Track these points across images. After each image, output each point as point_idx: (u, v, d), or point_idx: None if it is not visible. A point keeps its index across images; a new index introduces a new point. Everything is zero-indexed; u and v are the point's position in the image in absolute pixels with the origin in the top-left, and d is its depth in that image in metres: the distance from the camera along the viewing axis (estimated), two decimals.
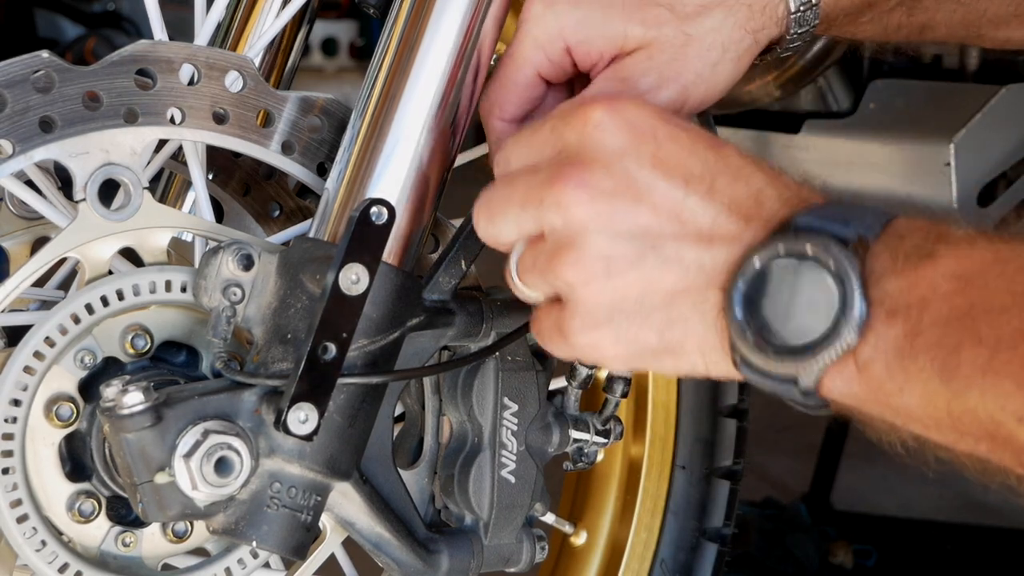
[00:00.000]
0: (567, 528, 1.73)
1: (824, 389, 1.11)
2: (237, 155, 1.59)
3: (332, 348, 1.24)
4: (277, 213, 1.71)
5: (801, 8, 1.38)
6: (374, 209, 1.25)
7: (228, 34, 1.70)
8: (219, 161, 1.68)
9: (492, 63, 1.41)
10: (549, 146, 1.22)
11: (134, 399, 1.22)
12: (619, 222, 1.16)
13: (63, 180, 1.46)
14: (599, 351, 1.21)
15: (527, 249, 1.22)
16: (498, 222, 1.24)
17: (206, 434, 1.24)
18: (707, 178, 1.16)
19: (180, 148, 1.51)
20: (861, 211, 1.12)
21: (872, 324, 1.08)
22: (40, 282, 1.40)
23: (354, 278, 1.24)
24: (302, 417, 1.23)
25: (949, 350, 1.05)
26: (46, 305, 1.51)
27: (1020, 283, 1.04)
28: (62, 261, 1.36)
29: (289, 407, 1.23)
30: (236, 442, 1.25)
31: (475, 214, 1.26)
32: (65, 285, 1.55)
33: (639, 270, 1.16)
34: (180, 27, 1.48)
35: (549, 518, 1.60)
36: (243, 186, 1.71)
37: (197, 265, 1.32)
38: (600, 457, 1.52)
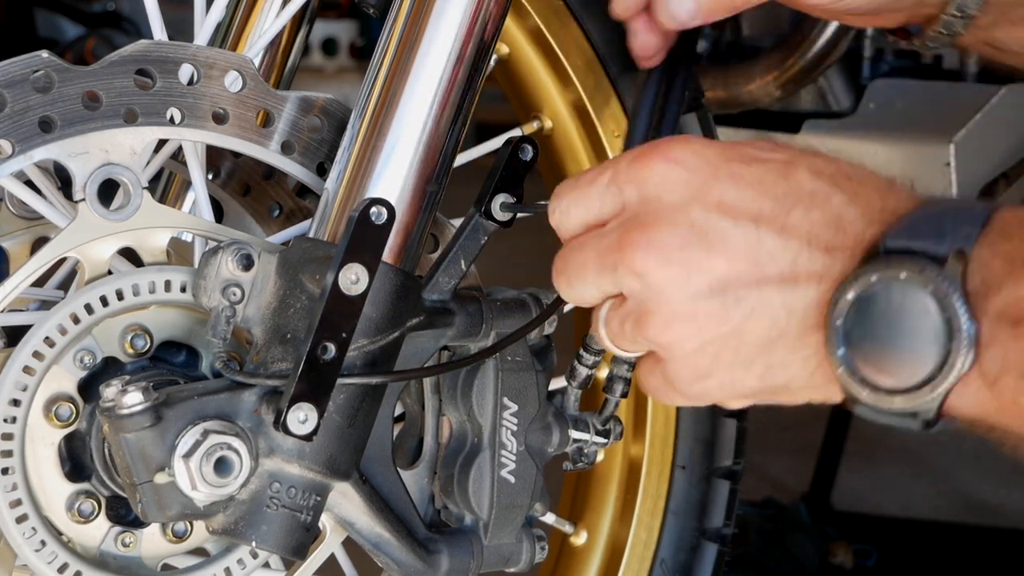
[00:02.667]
0: (567, 528, 1.73)
1: (951, 410, 1.05)
2: (237, 155, 1.59)
3: (332, 348, 1.24)
4: (277, 213, 1.71)
5: None
6: (374, 209, 1.25)
7: (228, 34, 1.70)
8: (214, 160, 1.68)
9: (492, 64, 1.41)
10: (610, 202, 1.19)
11: (134, 399, 1.22)
12: (696, 279, 1.12)
13: (63, 180, 1.46)
14: (713, 397, 1.18)
15: (611, 312, 1.19)
16: (577, 287, 1.21)
17: (206, 434, 1.24)
18: (779, 214, 1.11)
19: (180, 148, 1.51)
20: (955, 216, 1.05)
21: (995, 336, 1.02)
22: (39, 282, 1.39)
23: (354, 278, 1.24)
24: (301, 417, 1.23)
25: None
26: (46, 305, 1.51)
27: None
28: (61, 261, 1.36)
29: (289, 407, 1.23)
30: (236, 442, 1.25)
31: (555, 279, 1.23)
32: (64, 285, 1.55)
33: (727, 324, 1.12)
34: (180, 27, 1.48)
35: (549, 518, 1.60)
36: (243, 186, 1.71)
37: (197, 265, 1.32)
38: (600, 457, 1.51)
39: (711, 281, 1.12)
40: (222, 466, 1.25)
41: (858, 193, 1.11)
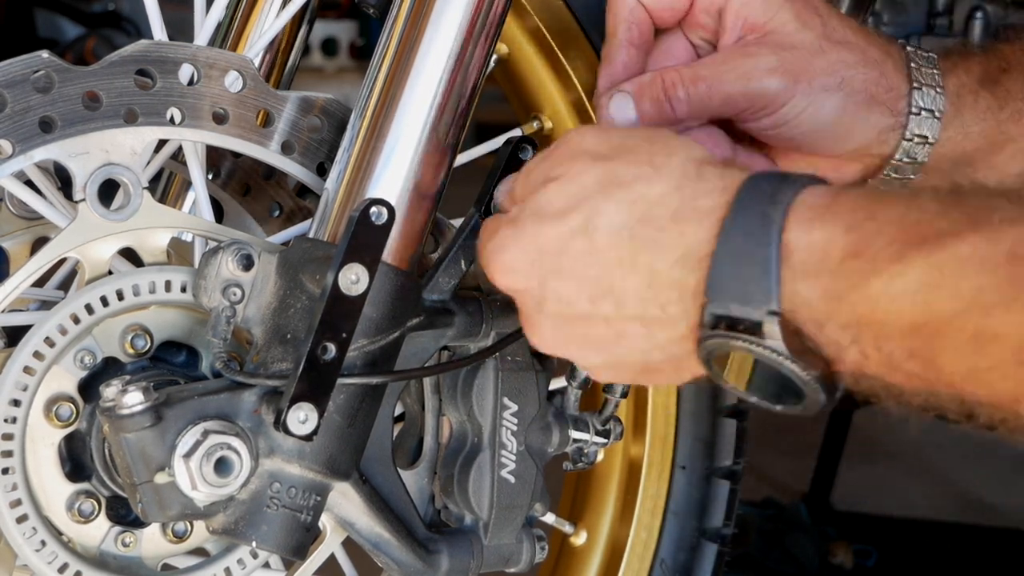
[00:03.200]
0: (567, 528, 1.73)
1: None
2: (237, 155, 1.59)
3: (332, 348, 1.24)
4: (277, 213, 1.71)
5: (915, 137, 1.43)
6: (374, 209, 1.25)
7: (228, 34, 1.70)
8: (214, 160, 1.68)
9: (492, 64, 1.41)
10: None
11: (134, 399, 1.22)
12: (585, 350, 1.25)
13: (62, 180, 1.46)
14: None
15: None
16: None
17: (206, 434, 1.24)
18: (606, 291, 1.19)
19: (180, 148, 1.51)
20: (751, 262, 1.11)
21: (841, 353, 1.10)
22: (39, 282, 1.39)
23: (354, 278, 1.23)
24: (302, 417, 1.23)
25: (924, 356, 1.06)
26: (45, 305, 1.51)
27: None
28: (62, 261, 1.36)
29: (289, 407, 1.23)
30: (236, 442, 1.25)
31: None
32: (64, 285, 1.55)
33: (627, 371, 1.25)
34: (180, 27, 1.48)
35: (549, 518, 1.60)
36: (243, 186, 1.71)
37: (197, 265, 1.32)
38: (600, 457, 1.52)
39: (598, 349, 1.23)
40: (222, 466, 1.25)
41: (657, 241, 1.16)
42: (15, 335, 1.47)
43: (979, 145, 1.45)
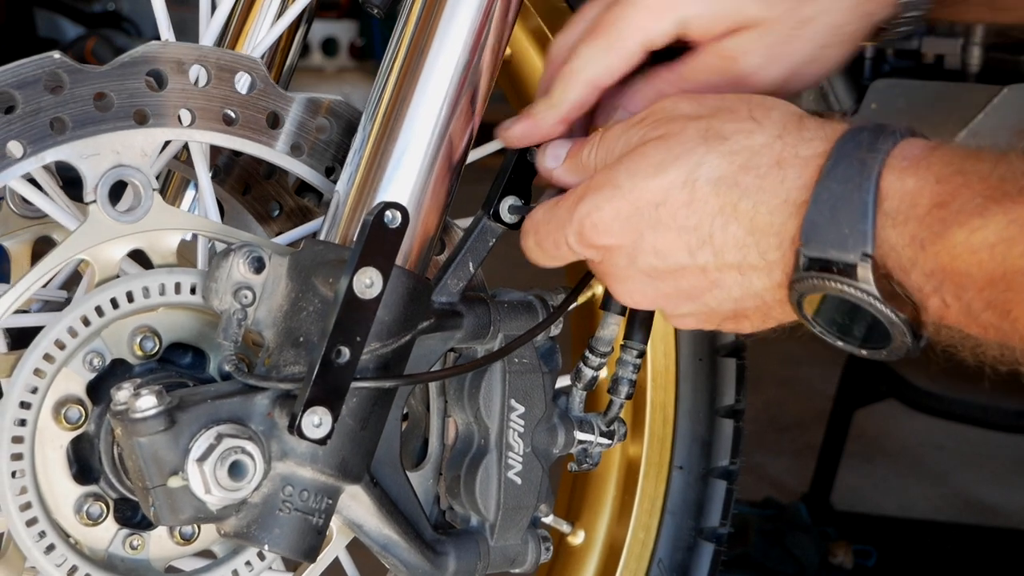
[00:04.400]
0: (565, 527, 1.73)
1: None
2: (237, 153, 1.58)
3: (346, 352, 1.23)
4: (277, 212, 1.71)
5: None
6: (388, 212, 1.25)
7: (226, 34, 1.69)
8: (214, 159, 1.68)
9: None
10: (577, 256, 1.30)
11: (147, 403, 1.22)
12: (675, 299, 1.28)
13: (65, 180, 1.45)
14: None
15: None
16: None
17: (219, 438, 1.24)
18: (704, 239, 1.22)
19: (181, 147, 1.50)
20: (848, 206, 1.14)
21: (927, 296, 1.13)
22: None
23: (368, 282, 1.23)
24: (316, 421, 1.23)
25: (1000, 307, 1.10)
26: (48, 305, 1.51)
27: None
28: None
29: (303, 411, 1.22)
30: (249, 446, 1.25)
31: None
32: (67, 285, 1.54)
33: (713, 319, 1.29)
34: (181, 28, 1.47)
35: (547, 518, 1.60)
36: (243, 185, 1.71)
37: (206, 267, 1.31)
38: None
39: (691, 299, 1.27)
40: (236, 470, 1.24)
41: (758, 188, 1.19)
42: (19, 335, 1.47)
43: None
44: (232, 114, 1.34)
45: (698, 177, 1.20)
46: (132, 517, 1.36)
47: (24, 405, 1.28)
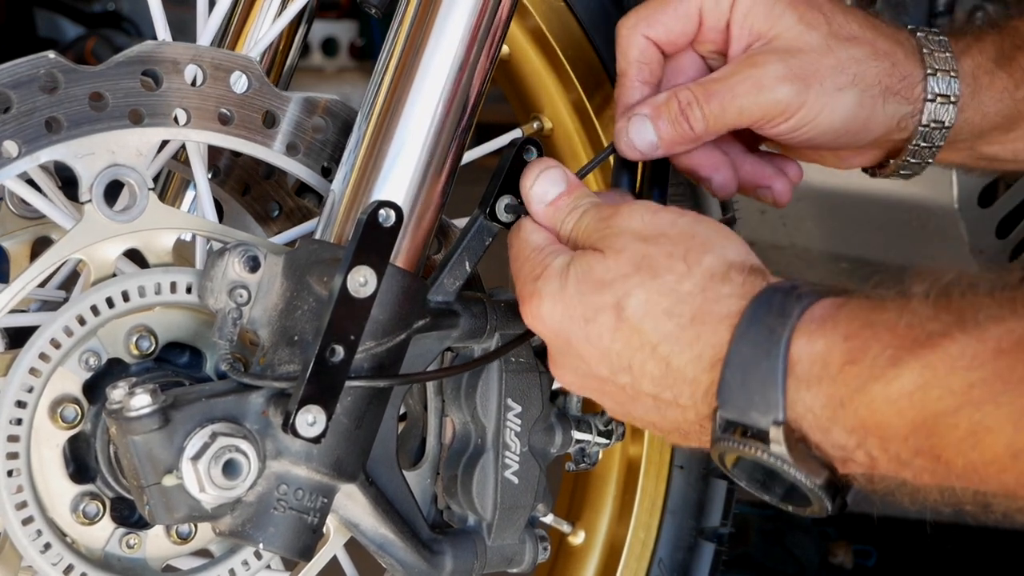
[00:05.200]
0: (565, 527, 1.73)
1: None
2: (236, 154, 1.58)
3: (340, 350, 1.24)
4: (277, 213, 1.71)
5: (931, 124, 1.44)
6: (382, 211, 1.25)
7: (226, 35, 1.69)
8: (214, 159, 1.68)
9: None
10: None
11: (142, 401, 1.22)
12: (604, 400, 1.31)
13: (63, 180, 1.46)
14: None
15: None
16: None
17: (214, 436, 1.24)
18: (623, 366, 1.25)
19: (180, 147, 1.51)
20: (760, 371, 1.15)
21: (848, 458, 1.15)
22: (41, 282, 1.39)
23: (362, 280, 1.23)
24: (310, 420, 1.23)
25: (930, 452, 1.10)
26: (47, 305, 1.51)
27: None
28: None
29: (297, 410, 1.23)
30: (244, 444, 1.25)
31: None
32: (65, 285, 1.55)
33: (641, 423, 1.31)
34: (180, 27, 1.47)
35: (547, 518, 1.60)
36: (242, 185, 1.71)
37: (202, 266, 1.31)
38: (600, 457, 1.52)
39: (615, 404, 1.30)
40: (230, 468, 1.24)
41: (677, 338, 1.22)
42: (16, 335, 1.47)
43: (996, 123, 1.47)
44: (228, 113, 1.35)
45: (626, 306, 1.23)
46: (129, 516, 1.37)
47: (20, 404, 1.29)
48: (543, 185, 1.35)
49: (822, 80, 1.38)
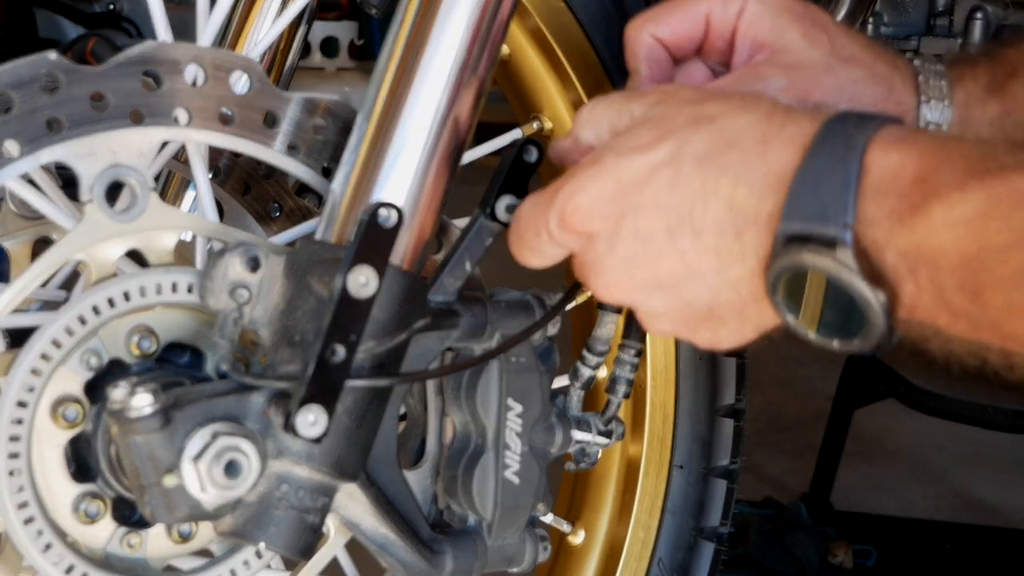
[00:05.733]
0: (565, 527, 1.74)
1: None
2: (237, 154, 1.59)
3: (341, 350, 1.24)
4: (277, 213, 1.71)
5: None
6: (383, 212, 1.25)
7: (226, 35, 1.70)
8: (215, 159, 1.68)
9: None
10: (559, 252, 1.30)
11: (143, 401, 1.22)
12: (654, 295, 1.25)
13: (64, 180, 1.46)
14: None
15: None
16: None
17: (215, 436, 1.24)
18: (684, 218, 1.21)
19: (181, 147, 1.51)
20: (831, 179, 1.14)
21: (902, 278, 1.12)
22: (42, 282, 1.39)
23: (363, 280, 1.24)
24: (311, 419, 1.23)
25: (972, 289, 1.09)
26: (48, 305, 1.51)
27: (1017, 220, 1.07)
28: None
29: (298, 409, 1.23)
30: (245, 444, 1.25)
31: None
32: (66, 285, 1.55)
33: (688, 307, 1.25)
34: (180, 28, 1.47)
35: (548, 517, 1.60)
36: (243, 185, 1.71)
37: (203, 266, 1.32)
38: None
39: (666, 291, 1.25)
40: (231, 468, 1.24)
41: (741, 163, 1.19)
42: (17, 335, 1.48)
43: None
44: (229, 114, 1.35)
45: (683, 155, 1.21)
46: (130, 516, 1.36)
47: (21, 404, 1.29)
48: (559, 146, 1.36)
49: (821, 97, 1.39)
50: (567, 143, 1.34)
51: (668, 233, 1.21)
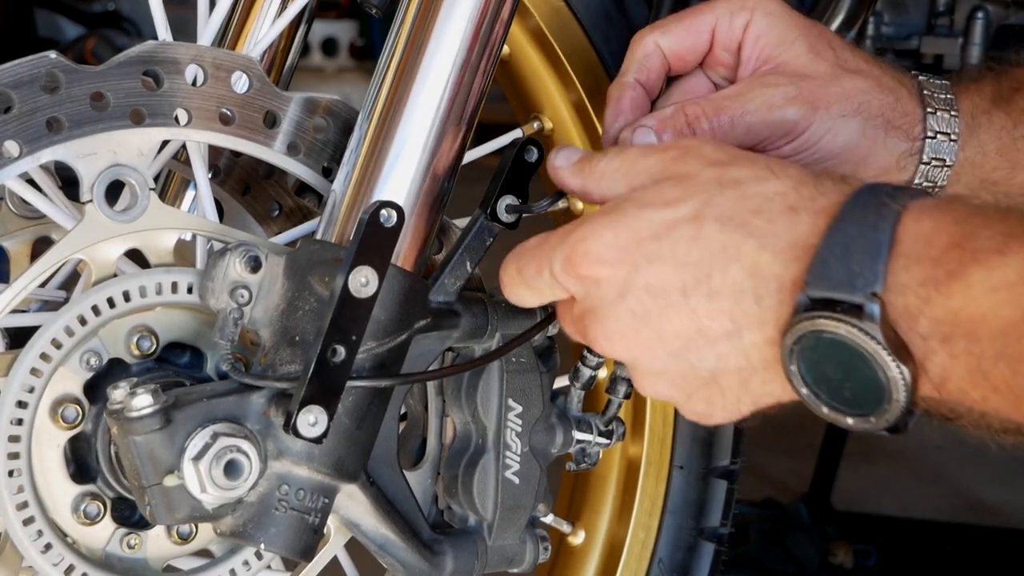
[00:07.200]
0: (565, 527, 1.73)
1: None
2: (237, 153, 1.58)
3: (341, 351, 1.24)
4: (277, 212, 1.71)
5: (932, 161, 1.45)
6: (383, 212, 1.25)
7: (226, 35, 1.69)
8: (214, 159, 1.68)
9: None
10: (559, 293, 1.26)
11: (143, 401, 1.22)
12: (657, 353, 1.21)
13: (64, 180, 1.46)
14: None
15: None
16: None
17: (215, 437, 1.24)
18: (701, 279, 1.17)
19: (181, 147, 1.51)
20: (862, 247, 1.10)
21: (932, 352, 1.07)
22: (42, 282, 1.39)
23: (363, 280, 1.23)
24: (311, 420, 1.23)
25: (1015, 358, 1.04)
26: (48, 305, 1.51)
27: None
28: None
29: (299, 410, 1.23)
30: (245, 444, 1.25)
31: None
32: (66, 285, 1.55)
33: (700, 376, 1.21)
34: (180, 27, 1.47)
35: (548, 518, 1.60)
36: (242, 185, 1.71)
37: (203, 266, 1.31)
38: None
39: (671, 351, 1.20)
40: (232, 469, 1.24)
41: (767, 230, 1.16)
42: (17, 335, 1.47)
43: (998, 164, 1.47)
44: (229, 114, 1.35)
45: (707, 215, 1.17)
46: (130, 516, 1.37)
47: (21, 404, 1.29)
48: (566, 152, 1.32)
49: (828, 106, 1.40)
50: (574, 187, 1.31)
51: (682, 291, 1.17)
